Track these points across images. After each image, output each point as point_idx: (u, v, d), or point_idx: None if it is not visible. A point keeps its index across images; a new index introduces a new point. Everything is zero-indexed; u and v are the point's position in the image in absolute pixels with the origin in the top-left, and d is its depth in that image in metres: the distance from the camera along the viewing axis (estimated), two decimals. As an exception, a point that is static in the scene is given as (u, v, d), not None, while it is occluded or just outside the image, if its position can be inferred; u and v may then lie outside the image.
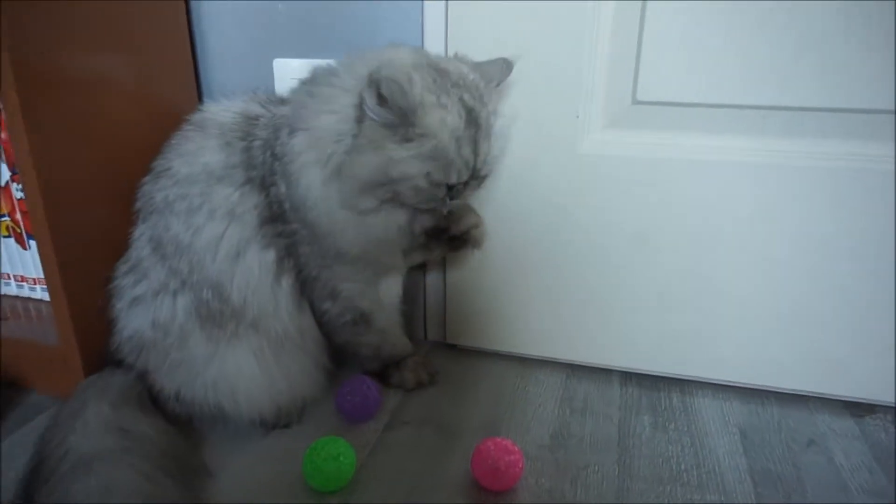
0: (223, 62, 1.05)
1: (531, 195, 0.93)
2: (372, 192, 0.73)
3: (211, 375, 0.80)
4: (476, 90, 0.73)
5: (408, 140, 0.69)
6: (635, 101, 0.86)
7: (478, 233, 0.88)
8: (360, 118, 0.70)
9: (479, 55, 0.80)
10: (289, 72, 1.00)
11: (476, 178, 0.75)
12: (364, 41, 0.96)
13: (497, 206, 0.94)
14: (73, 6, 0.81)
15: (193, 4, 1.02)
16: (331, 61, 0.79)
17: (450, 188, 0.74)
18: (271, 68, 1.01)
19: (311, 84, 0.78)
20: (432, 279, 1.05)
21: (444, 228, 0.86)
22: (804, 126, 0.80)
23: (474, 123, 0.71)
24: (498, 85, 0.78)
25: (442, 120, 0.69)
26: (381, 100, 0.66)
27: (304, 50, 1.00)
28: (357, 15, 0.95)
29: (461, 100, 0.70)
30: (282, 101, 0.84)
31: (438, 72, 0.71)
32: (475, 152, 0.72)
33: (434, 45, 0.90)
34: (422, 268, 1.04)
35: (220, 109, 0.84)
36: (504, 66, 0.79)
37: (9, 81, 0.74)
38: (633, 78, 0.84)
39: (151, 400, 0.83)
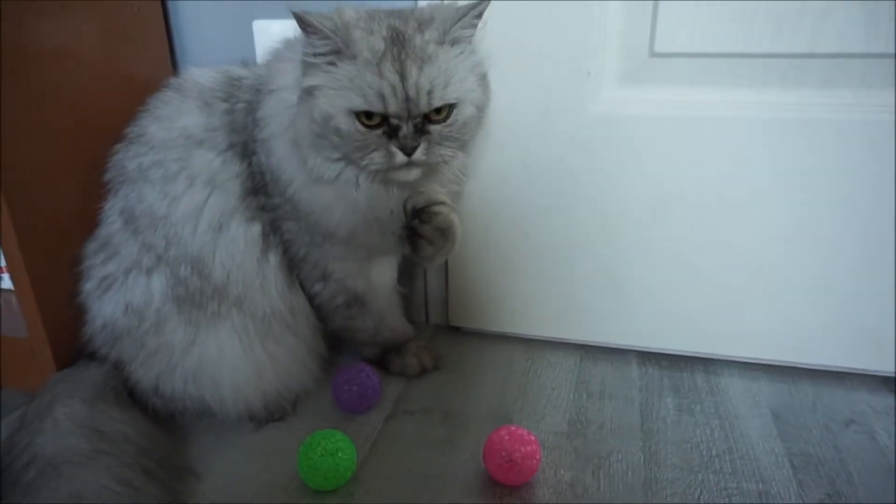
0: (198, 26, 0.97)
1: (538, 161, 0.85)
2: (318, 148, 0.66)
3: (191, 363, 0.73)
4: (414, 20, 0.65)
5: (332, 65, 0.63)
6: (653, 54, 0.78)
7: (428, 249, 0.74)
8: (304, 70, 0.65)
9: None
10: (270, 35, 0.91)
11: (416, 113, 0.63)
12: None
13: (501, 174, 0.86)
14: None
15: (163, -38, 0.93)
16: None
17: (391, 131, 0.64)
18: (251, 32, 0.93)
19: (286, 47, 0.73)
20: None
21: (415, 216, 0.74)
22: (847, 74, 0.73)
23: (399, 43, 0.63)
24: (460, 19, 0.65)
25: (362, 39, 0.62)
26: (306, 27, 0.61)
27: (286, 10, 0.91)
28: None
29: (389, 26, 0.64)
30: (265, 64, 0.77)
31: (383, 12, 0.67)
32: (402, 75, 0.62)
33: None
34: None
35: (202, 72, 0.78)
36: (485, 3, 0.67)
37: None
38: (651, 27, 0.77)
39: (129, 394, 0.76)
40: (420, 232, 0.73)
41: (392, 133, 0.64)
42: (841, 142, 0.75)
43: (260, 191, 0.73)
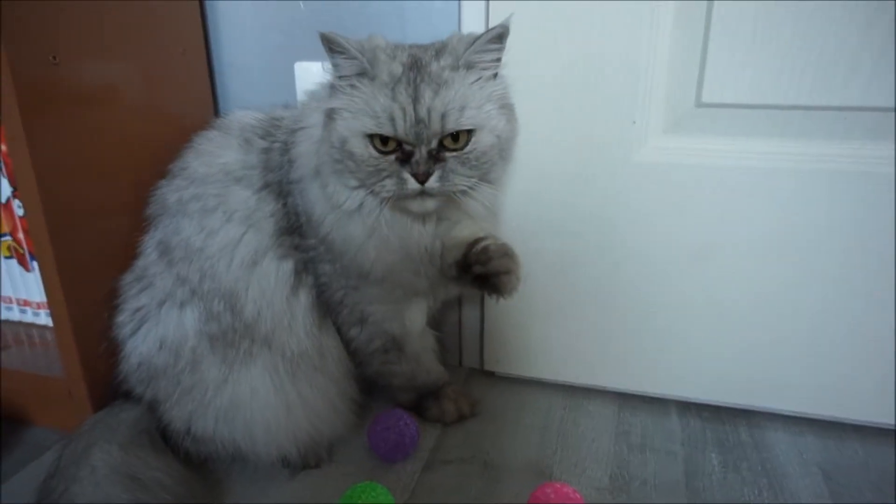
0: (240, 67, 0.98)
1: (580, 208, 0.84)
2: (337, 174, 0.67)
3: (223, 401, 0.72)
4: (432, 49, 0.66)
5: (353, 87, 0.65)
6: (700, 104, 0.78)
7: (506, 280, 0.69)
8: (329, 94, 0.67)
9: (524, 58, 0.74)
10: (311, 77, 0.93)
11: (428, 138, 0.63)
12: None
13: (542, 220, 0.86)
14: (79, 13, 0.74)
15: (209, 5, 0.95)
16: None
17: (405, 157, 0.63)
18: (292, 73, 0.94)
19: (322, 88, 0.74)
20: (468, 299, 0.97)
21: (470, 264, 0.72)
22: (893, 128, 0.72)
23: (416, 68, 0.63)
24: (473, 44, 0.65)
25: (385, 63, 0.64)
26: (332, 46, 0.63)
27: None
28: (386, 14, 0.88)
29: (410, 54, 0.66)
30: (301, 104, 0.79)
31: (410, 44, 0.69)
32: (415, 98, 0.62)
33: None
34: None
35: (247, 112, 0.80)
36: (499, 28, 0.66)
37: (9, 92, 0.67)
38: (698, 78, 0.76)
39: (162, 438, 0.75)
40: (491, 270, 0.69)
41: (405, 159, 0.63)
42: (891, 193, 0.73)
43: (294, 231, 0.73)
